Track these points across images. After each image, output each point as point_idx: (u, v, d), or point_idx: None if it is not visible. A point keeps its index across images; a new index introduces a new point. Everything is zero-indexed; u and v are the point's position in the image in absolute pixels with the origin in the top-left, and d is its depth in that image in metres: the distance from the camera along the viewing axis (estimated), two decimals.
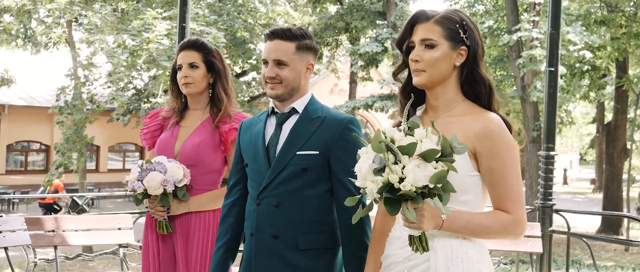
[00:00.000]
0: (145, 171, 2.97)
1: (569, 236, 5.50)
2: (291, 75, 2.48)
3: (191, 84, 3.11)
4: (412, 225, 1.95)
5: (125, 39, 13.03)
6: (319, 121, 2.48)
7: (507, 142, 2.10)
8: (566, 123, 23.44)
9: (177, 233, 3.08)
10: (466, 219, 2.05)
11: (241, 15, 17.77)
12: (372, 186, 1.90)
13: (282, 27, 2.50)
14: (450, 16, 2.19)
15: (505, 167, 2.09)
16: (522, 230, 2.12)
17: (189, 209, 3.06)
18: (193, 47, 3.14)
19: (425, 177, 1.84)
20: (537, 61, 14.46)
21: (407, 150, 1.87)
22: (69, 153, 14.73)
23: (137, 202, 3.03)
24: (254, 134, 2.57)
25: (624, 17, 16.67)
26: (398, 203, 1.89)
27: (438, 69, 2.16)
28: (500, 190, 2.10)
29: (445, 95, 2.21)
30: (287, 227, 2.43)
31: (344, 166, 2.40)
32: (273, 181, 2.44)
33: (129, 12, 15.40)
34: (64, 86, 15.62)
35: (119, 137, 26.85)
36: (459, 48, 2.18)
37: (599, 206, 24.48)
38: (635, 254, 17.20)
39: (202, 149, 3.09)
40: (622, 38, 16.80)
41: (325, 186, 2.46)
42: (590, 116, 37.76)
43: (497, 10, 18.04)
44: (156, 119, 3.28)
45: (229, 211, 2.67)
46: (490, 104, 2.20)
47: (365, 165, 1.94)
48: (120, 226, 5.02)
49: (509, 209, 2.10)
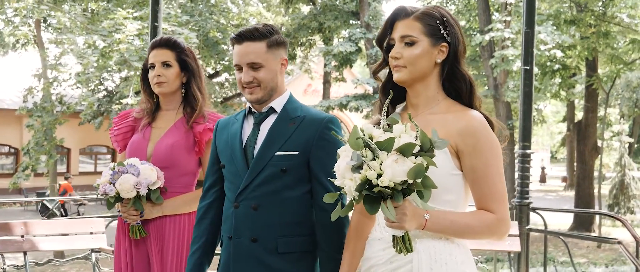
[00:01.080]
0: (117, 173, 2.87)
1: (546, 234, 5.52)
2: (268, 75, 2.41)
3: (164, 84, 3.02)
4: (393, 225, 1.90)
5: (95, 40, 12.79)
6: (298, 121, 2.41)
7: (490, 141, 2.06)
8: (537, 122, 23.71)
9: (151, 238, 2.98)
10: (450, 219, 2.01)
11: (213, 15, 17.60)
12: (351, 183, 1.85)
13: (248, 28, 2.40)
14: (430, 12, 2.14)
15: (488, 166, 2.05)
16: (506, 230, 2.09)
17: (163, 212, 2.96)
18: (165, 46, 3.04)
19: (403, 172, 1.79)
20: (510, 61, 14.59)
21: (385, 146, 1.83)
22: (36, 155, 14.40)
23: (109, 206, 2.92)
24: (231, 134, 2.49)
25: (593, 16, 16.91)
26: (377, 201, 1.84)
27: (418, 66, 2.12)
28: (483, 189, 2.06)
29: (426, 93, 2.17)
30: (266, 230, 2.36)
31: (324, 167, 2.33)
32: (251, 183, 2.37)
33: (100, 13, 15.15)
34: (31, 87, 15.29)
35: (90, 139, 26.39)
36: (439, 45, 2.13)
37: (570, 203, 24.82)
38: (608, 251, 17.46)
39: (175, 151, 3.00)
40: (592, 37, 17.05)
41: (305, 188, 2.39)
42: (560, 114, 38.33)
43: (469, 10, 18.17)
44: (126, 120, 3.18)
45: (204, 213, 2.58)
46: (472, 102, 2.16)
47: (344, 162, 1.89)
48: (93, 230, 4.88)
49: (493, 209, 2.05)
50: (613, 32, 17.72)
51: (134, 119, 3.16)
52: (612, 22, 17.09)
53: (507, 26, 15.17)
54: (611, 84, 20.07)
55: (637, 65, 20.50)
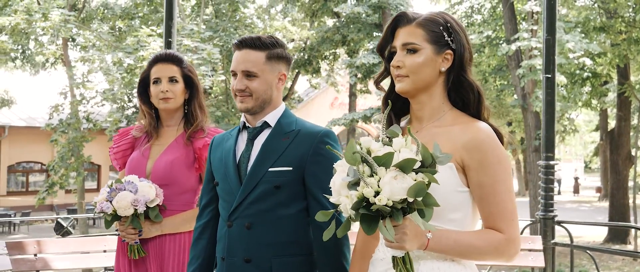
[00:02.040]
0: (114, 190, 2.80)
1: (572, 248, 5.30)
2: (262, 87, 2.32)
3: (171, 99, 2.95)
4: (393, 245, 1.77)
5: (120, 57, 12.92)
6: (293, 135, 2.32)
7: (498, 155, 1.92)
8: (569, 131, 23.21)
9: (150, 257, 2.90)
10: (454, 238, 1.87)
11: (238, 30, 17.69)
12: (347, 201, 1.73)
13: (251, 36, 2.34)
14: (433, 18, 2.01)
15: (497, 182, 1.90)
16: (515, 251, 1.93)
17: (162, 231, 2.88)
18: (171, 61, 2.98)
19: (403, 189, 1.67)
20: (537, 70, 14.30)
21: (384, 161, 1.71)
22: (65, 172, 14.56)
23: (106, 224, 2.85)
24: (225, 151, 2.40)
25: (624, 23, 16.51)
26: (375, 220, 1.71)
27: (422, 75, 1.99)
28: (491, 207, 1.91)
29: (430, 104, 2.04)
30: (260, 250, 2.26)
31: (320, 183, 2.23)
32: (244, 201, 2.27)
33: (125, 31, 15.35)
34: (57, 104, 15.51)
35: None
36: (444, 52, 2.00)
37: (605, 214, 24.19)
38: None
39: (175, 167, 2.92)
40: (622, 44, 16.64)
41: (300, 205, 2.29)
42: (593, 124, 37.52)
43: (495, 20, 17.90)
44: (126, 137, 3.11)
45: (200, 233, 2.50)
46: (480, 112, 2.02)
47: (339, 178, 1.77)
48: (106, 248, 4.83)
49: (501, 228, 1.91)
50: None
51: (133, 136, 3.09)
52: None
53: (534, 35, 14.89)
54: None
55: None
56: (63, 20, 13.48)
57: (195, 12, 17.73)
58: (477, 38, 16.54)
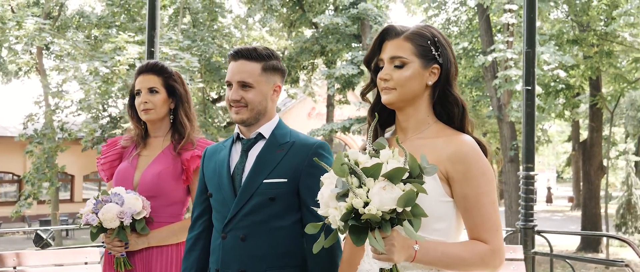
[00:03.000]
0: (100, 202, 2.76)
1: (552, 257, 5.36)
2: (257, 98, 2.31)
3: (151, 110, 2.91)
4: (381, 256, 1.77)
5: (97, 66, 12.77)
6: (287, 147, 2.31)
7: (482, 167, 1.94)
8: (542, 142, 23.56)
9: (137, 270, 2.86)
10: (441, 250, 1.87)
11: (216, 40, 17.64)
12: (335, 212, 1.72)
13: (247, 47, 2.33)
14: (421, 32, 2.03)
15: (480, 194, 1.92)
16: (500, 261, 1.95)
17: (149, 243, 2.84)
18: (152, 71, 2.95)
19: (392, 199, 1.67)
20: (513, 81, 14.50)
21: (372, 172, 1.71)
22: (39, 183, 14.32)
23: (92, 237, 2.80)
24: (219, 162, 2.38)
25: (596, 36, 16.86)
26: (364, 232, 1.71)
27: (409, 88, 2.00)
28: (475, 218, 1.93)
29: (416, 116, 2.05)
30: (254, 263, 2.24)
31: (314, 194, 2.21)
32: (239, 212, 2.26)
33: (101, 39, 15.19)
34: (31, 114, 15.27)
35: (94, 166, 26.30)
36: (431, 66, 2.02)
37: (577, 223, 24.56)
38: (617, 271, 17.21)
39: (162, 179, 2.88)
40: (595, 57, 16.98)
41: (294, 217, 2.28)
42: (565, 134, 38.13)
43: (471, 32, 18.14)
44: (114, 148, 3.07)
45: (193, 245, 2.47)
46: (464, 126, 2.04)
47: (327, 190, 1.77)
48: (87, 260, 4.72)
49: (486, 239, 1.92)
50: (616, 51, 17.64)
51: (122, 146, 3.05)
52: (615, 41, 17.02)
53: (510, 47, 15.11)
54: (615, 103, 19.96)
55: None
56: (37, 28, 13.29)
57: (172, 21, 17.64)
58: (454, 49, 16.71)
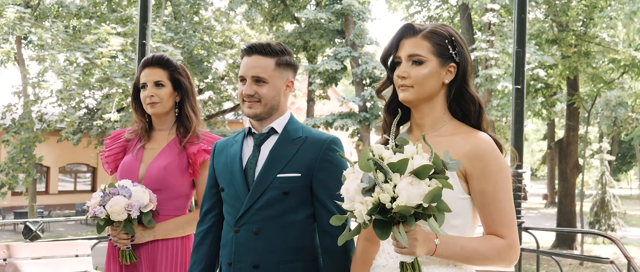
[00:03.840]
0: (108, 195, 2.75)
1: (539, 254, 5.47)
2: (270, 93, 2.33)
3: (158, 104, 2.91)
4: (404, 250, 1.81)
5: (77, 57, 12.61)
6: (300, 142, 2.33)
7: (500, 164, 1.99)
8: None
9: (142, 263, 2.86)
10: (460, 244, 1.92)
11: (197, 33, 17.53)
12: (361, 207, 1.75)
13: (261, 42, 2.35)
14: (439, 31, 2.07)
15: (498, 190, 1.97)
16: (516, 256, 2.01)
17: (155, 236, 2.84)
18: (158, 65, 2.94)
19: (419, 195, 1.70)
20: (494, 80, 14.67)
21: (398, 167, 1.74)
22: (14, 173, 14.10)
23: (98, 229, 2.79)
24: (230, 156, 2.40)
25: (575, 36, 17.12)
26: (389, 226, 1.75)
27: (426, 86, 2.04)
28: (492, 214, 1.98)
29: (432, 114, 2.09)
30: (268, 256, 2.26)
31: (328, 189, 2.26)
32: (252, 206, 2.28)
33: (81, 29, 15.00)
34: (10, 104, 15.04)
35: (70, 157, 26.03)
36: (448, 65, 2.06)
37: (552, 221, 24.96)
38: (590, 268, 17.54)
39: (168, 173, 2.89)
40: (573, 57, 17.25)
41: (307, 211, 2.31)
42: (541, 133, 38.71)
43: None
44: (118, 141, 3.06)
45: (202, 238, 2.49)
46: (480, 124, 2.09)
47: (353, 185, 1.79)
48: (78, 252, 4.68)
49: (503, 234, 1.97)
50: (593, 51, 17.94)
51: (126, 139, 3.05)
52: (593, 42, 17.31)
53: (491, 46, 15.28)
54: (592, 102, 20.30)
55: (616, 84, 20.79)
56: (18, 17, 13.07)
57: (155, 13, 17.47)
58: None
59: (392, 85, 2.15)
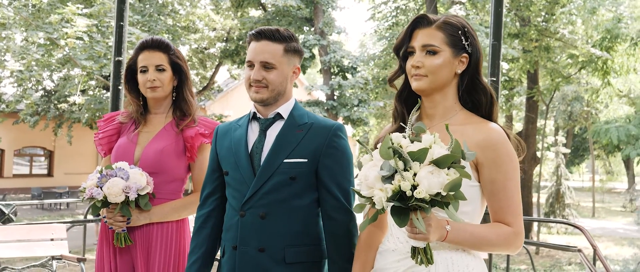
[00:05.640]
0: (105, 176, 2.72)
1: None
2: (278, 78, 2.35)
3: (159, 88, 2.89)
4: (417, 236, 1.86)
5: (40, 36, 12.27)
6: (306, 128, 2.36)
7: (510, 154, 2.06)
8: None
9: (137, 246, 2.85)
10: (470, 230, 1.99)
11: (161, 16, 17.24)
12: (381, 194, 1.79)
13: (269, 28, 2.36)
14: (452, 22, 2.12)
15: (507, 179, 2.04)
16: (521, 242, 2.09)
17: (151, 219, 2.83)
18: (158, 48, 2.91)
19: (439, 184, 1.76)
20: None
21: (418, 156, 1.79)
22: None
23: (94, 211, 2.77)
24: (235, 141, 2.41)
25: (536, 31, 17.50)
26: (406, 212, 1.79)
27: (440, 76, 2.10)
28: (501, 202, 2.05)
29: (443, 103, 2.15)
30: (273, 240, 2.29)
31: (333, 175, 2.30)
32: (259, 190, 2.30)
33: (43, 8, 14.57)
34: None
35: (25, 140, 25.35)
36: (460, 55, 2.12)
37: None
38: (545, 257, 18.09)
39: (165, 156, 2.87)
40: (534, 51, 17.63)
41: (312, 196, 2.34)
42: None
43: None
44: (112, 123, 3.03)
45: (204, 222, 2.49)
46: (492, 113, 2.15)
47: (373, 172, 1.83)
48: (53, 236, 4.64)
49: (510, 222, 2.05)
50: (553, 46, 18.37)
51: (119, 122, 3.02)
52: (554, 37, 17.73)
53: None
54: (551, 96, 20.82)
55: (574, 79, 21.36)
56: None
57: None
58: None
59: (404, 75, 2.20)
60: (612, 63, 17.98)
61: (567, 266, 16.65)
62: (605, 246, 19.49)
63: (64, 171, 26.29)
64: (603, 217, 27.83)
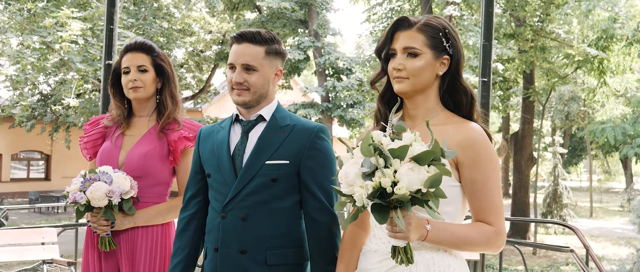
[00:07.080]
0: (88, 180, 2.72)
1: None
2: (260, 81, 2.35)
3: (140, 89, 2.89)
4: (397, 235, 1.85)
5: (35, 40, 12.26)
6: (288, 130, 2.36)
7: (490, 153, 2.06)
8: None
9: (121, 250, 2.84)
10: (451, 230, 1.99)
11: (156, 19, 17.25)
12: (362, 191, 1.79)
13: (250, 30, 2.36)
14: (432, 24, 2.12)
15: (488, 179, 2.04)
16: (502, 242, 2.08)
17: (135, 223, 2.82)
18: (141, 49, 2.92)
19: (419, 180, 1.75)
20: None
21: (398, 153, 1.78)
22: None
23: (78, 215, 2.76)
24: (217, 143, 2.40)
25: (532, 31, 17.52)
26: (386, 210, 1.79)
27: (421, 78, 2.10)
28: (481, 201, 2.05)
29: (425, 105, 2.15)
30: (255, 242, 2.28)
31: (315, 176, 2.29)
32: (240, 192, 2.29)
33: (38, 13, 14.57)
34: None
35: (22, 144, 25.32)
36: (441, 57, 2.11)
37: (506, 211, 25.59)
38: (542, 258, 18.09)
39: (149, 159, 2.87)
40: (530, 51, 17.65)
41: (294, 198, 2.33)
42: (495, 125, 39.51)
43: None
44: (97, 127, 3.02)
45: (186, 224, 2.49)
46: (471, 114, 2.15)
47: (353, 170, 1.83)
48: (44, 240, 4.63)
49: (491, 221, 2.04)
50: (549, 46, 18.40)
51: (105, 126, 3.01)
52: (549, 37, 17.75)
53: None
54: (547, 96, 20.84)
55: (570, 79, 21.38)
56: None
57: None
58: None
59: (386, 76, 2.20)
60: (608, 62, 18.01)
61: (564, 266, 16.65)
62: (602, 246, 19.51)
63: (62, 174, 26.25)
64: (601, 217, 27.87)
